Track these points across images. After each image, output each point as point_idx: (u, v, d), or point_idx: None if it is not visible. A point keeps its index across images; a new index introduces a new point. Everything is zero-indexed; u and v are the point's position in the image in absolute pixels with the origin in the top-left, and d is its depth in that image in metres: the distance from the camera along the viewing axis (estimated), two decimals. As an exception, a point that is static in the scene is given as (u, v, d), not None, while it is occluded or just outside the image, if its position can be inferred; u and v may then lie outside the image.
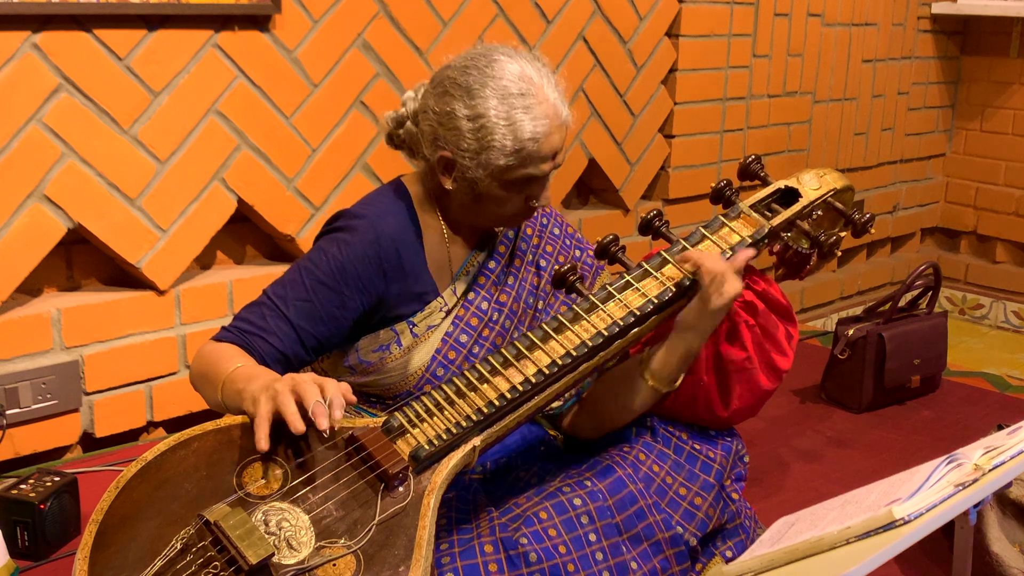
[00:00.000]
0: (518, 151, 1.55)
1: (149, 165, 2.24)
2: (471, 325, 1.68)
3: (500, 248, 1.75)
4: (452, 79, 1.58)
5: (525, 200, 1.63)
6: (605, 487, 1.56)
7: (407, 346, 1.65)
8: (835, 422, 2.51)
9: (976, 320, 4.29)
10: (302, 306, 1.57)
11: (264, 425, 1.32)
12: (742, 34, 3.33)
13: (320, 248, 1.62)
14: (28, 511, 1.76)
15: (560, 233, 1.82)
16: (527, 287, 1.75)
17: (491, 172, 1.57)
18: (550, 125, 1.56)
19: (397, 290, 1.63)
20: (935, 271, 2.60)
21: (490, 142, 1.54)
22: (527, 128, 1.54)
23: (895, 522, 1.25)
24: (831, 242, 1.71)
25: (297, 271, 1.61)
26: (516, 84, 1.55)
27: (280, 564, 1.25)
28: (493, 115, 1.54)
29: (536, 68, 1.58)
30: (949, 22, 4.12)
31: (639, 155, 3.17)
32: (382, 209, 1.65)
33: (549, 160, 1.59)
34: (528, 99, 1.54)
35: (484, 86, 1.55)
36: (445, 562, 1.44)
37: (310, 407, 1.31)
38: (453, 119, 1.56)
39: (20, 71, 2.04)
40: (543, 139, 1.55)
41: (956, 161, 4.33)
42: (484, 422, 1.45)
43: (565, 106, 1.60)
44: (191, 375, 1.57)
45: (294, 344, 1.56)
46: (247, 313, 1.59)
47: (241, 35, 2.30)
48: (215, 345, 1.55)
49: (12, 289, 2.12)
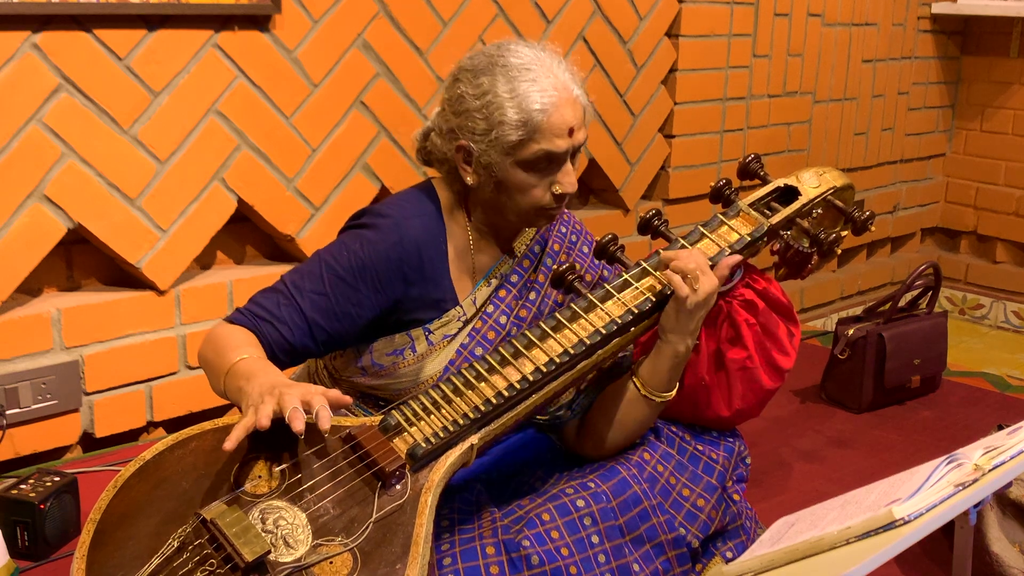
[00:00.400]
0: (526, 123, 1.52)
1: (149, 165, 2.24)
2: (487, 338, 1.65)
3: (525, 263, 1.71)
4: (461, 67, 1.59)
5: (549, 186, 1.58)
6: (609, 488, 1.55)
7: (421, 353, 1.63)
8: (835, 422, 2.51)
9: (976, 320, 4.29)
10: (317, 299, 1.56)
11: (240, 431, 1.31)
12: (742, 34, 3.33)
13: (342, 242, 1.61)
14: (28, 511, 1.76)
15: (589, 252, 1.77)
16: (549, 304, 1.71)
17: (504, 150, 1.54)
18: (559, 97, 1.53)
19: (415, 294, 1.61)
20: (935, 271, 2.59)
21: (499, 118, 1.52)
22: (534, 99, 1.52)
23: (895, 522, 1.25)
24: (831, 240, 1.71)
25: (317, 263, 1.59)
26: (522, 62, 1.54)
27: (277, 562, 1.26)
28: (500, 90, 1.52)
29: (550, 54, 1.57)
30: (949, 22, 4.12)
31: (639, 155, 3.17)
32: (409, 211, 1.63)
33: (565, 136, 1.54)
34: (533, 72, 1.53)
35: (491, 66, 1.54)
36: (447, 563, 1.44)
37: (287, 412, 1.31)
38: (462, 102, 1.56)
39: (20, 71, 2.04)
40: (552, 110, 1.52)
41: (956, 161, 4.33)
42: (481, 420, 1.45)
43: (577, 86, 1.58)
44: (200, 355, 1.56)
45: (304, 336, 1.55)
46: (262, 298, 1.58)
47: (241, 35, 2.30)
48: (225, 329, 1.54)
49: (12, 289, 2.12)
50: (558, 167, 1.57)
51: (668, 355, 1.61)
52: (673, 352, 1.60)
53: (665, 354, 1.61)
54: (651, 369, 1.63)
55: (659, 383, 1.63)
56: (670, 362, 1.61)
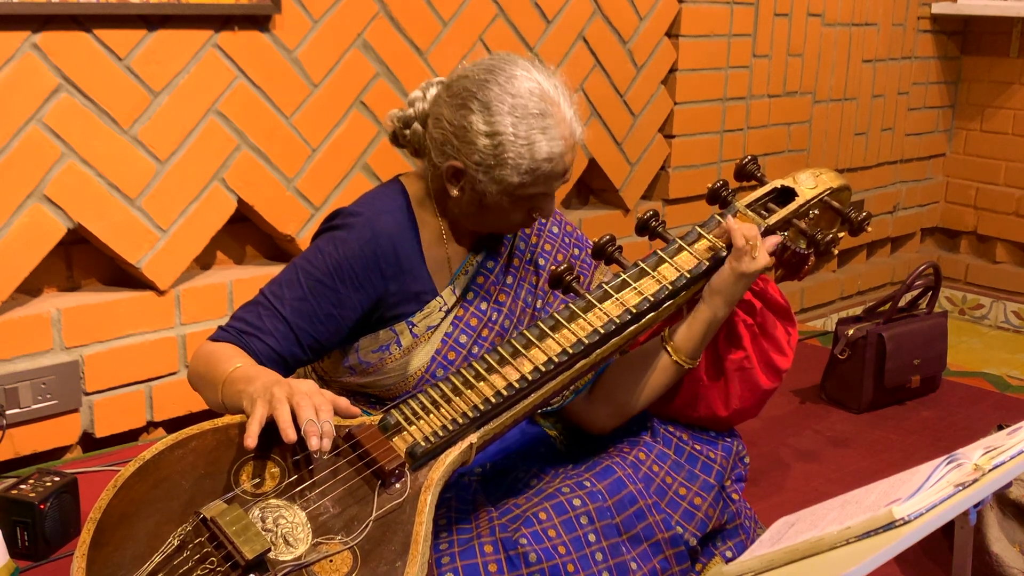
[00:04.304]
0: (533, 171, 1.56)
1: (149, 165, 2.24)
2: (470, 325, 1.68)
3: (499, 248, 1.74)
4: (471, 92, 1.56)
5: (529, 212, 1.64)
6: (604, 487, 1.56)
7: (407, 346, 1.64)
8: (835, 422, 2.51)
9: (976, 320, 4.29)
10: (299, 305, 1.57)
11: (255, 426, 1.31)
12: (742, 34, 3.33)
13: (317, 247, 1.62)
14: (28, 511, 1.77)
15: (559, 231, 1.82)
16: (526, 286, 1.75)
17: (503, 188, 1.57)
18: (565, 145, 1.57)
19: (395, 289, 1.63)
20: (935, 271, 2.60)
21: (505, 160, 1.55)
22: (544, 149, 1.55)
23: (895, 522, 1.25)
24: (828, 241, 1.71)
25: (294, 270, 1.60)
26: (536, 103, 1.55)
27: (277, 560, 1.26)
28: (511, 133, 1.54)
29: (553, 85, 1.58)
30: (949, 22, 4.12)
31: (639, 155, 3.17)
32: (379, 207, 1.65)
33: (560, 178, 1.61)
34: (547, 119, 1.55)
35: (503, 103, 1.54)
36: (445, 562, 1.44)
37: (303, 423, 1.31)
38: (469, 132, 1.56)
39: (20, 71, 2.04)
40: (558, 160, 1.57)
41: (956, 161, 4.33)
42: (480, 419, 1.45)
43: (579, 124, 1.61)
44: (189, 376, 1.57)
45: (291, 344, 1.56)
46: (244, 313, 1.58)
47: (241, 35, 2.30)
48: (213, 345, 1.55)
49: (12, 289, 2.12)
50: (546, 201, 1.64)
51: (705, 319, 1.65)
52: (712, 316, 1.65)
53: (702, 318, 1.65)
54: (686, 334, 1.67)
55: (691, 348, 1.68)
56: (705, 327, 1.66)
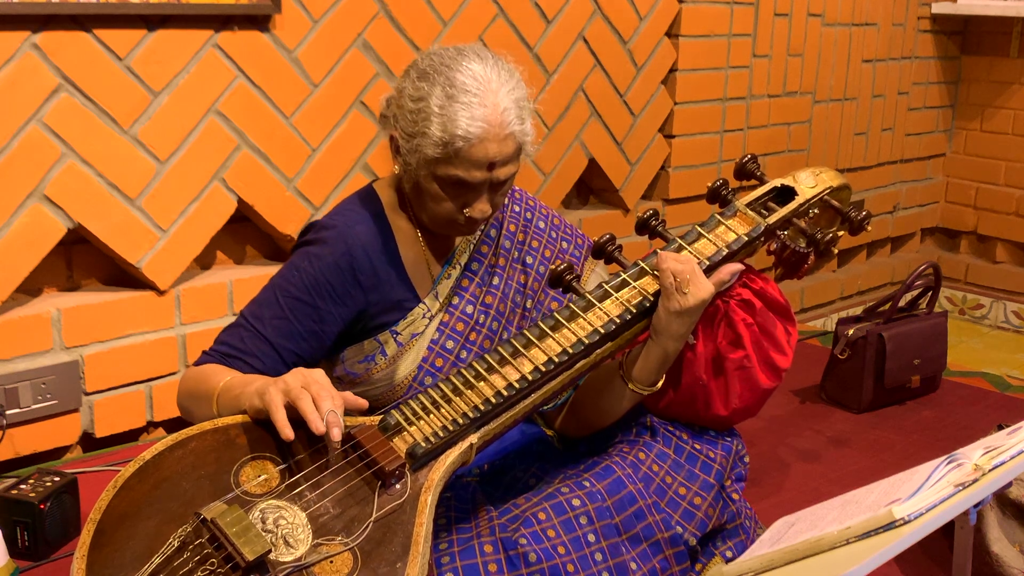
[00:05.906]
0: (446, 144, 1.50)
1: (149, 165, 2.24)
2: (457, 330, 1.66)
3: (483, 248, 1.72)
4: (417, 61, 1.58)
5: (461, 205, 1.58)
6: (604, 487, 1.56)
7: (392, 355, 1.64)
8: (835, 422, 2.51)
9: (976, 320, 4.29)
10: (279, 324, 1.56)
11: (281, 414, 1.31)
12: (742, 34, 3.33)
13: (292, 264, 1.61)
14: (28, 511, 1.76)
15: (546, 226, 1.79)
16: (514, 286, 1.73)
17: (421, 160, 1.54)
18: (487, 130, 1.50)
19: (376, 299, 1.62)
20: (935, 271, 2.59)
21: (423, 128, 1.52)
22: (461, 124, 1.49)
23: (895, 522, 1.25)
24: (828, 240, 1.71)
25: (272, 290, 1.60)
26: (471, 84, 1.50)
27: (277, 561, 1.26)
28: (433, 102, 1.51)
29: (502, 79, 1.53)
30: (949, 22, 4.12)
31: (639, 155, 3.17)
32: (352, 218, 1.63)
33: (483, 168, 1.53)
34: (471, 97, 1.50)
35: (438, 73, 1.52)
36: (445, 562, 1.44)
37: (324, 414, 1.31)
38: (401, 97, 1.56)
39: (20, 71, 2.04)
40: (475, 141, 1.50)
41: (956, 161, 4.33)
42: (480, 419, 1.45)
43: (520, 125, 1.54)
44: (179, 399, 1.57)
45: (276, 363, 1.56)
46: (226, 336, 1.58)
47: (241, 35, 2.30)
48: (197, 368, 1.55)
49: (12, 289, 2.12)
50: (473, 194, 1.57)
51: (657, 355, 1.60)
52: (662, 352, 1.60)
53: (654, 353, 1.60)
54: (640, 365, 1.62)
55: (646, 378, 1.63)
56: (658, 361, 1.61)
